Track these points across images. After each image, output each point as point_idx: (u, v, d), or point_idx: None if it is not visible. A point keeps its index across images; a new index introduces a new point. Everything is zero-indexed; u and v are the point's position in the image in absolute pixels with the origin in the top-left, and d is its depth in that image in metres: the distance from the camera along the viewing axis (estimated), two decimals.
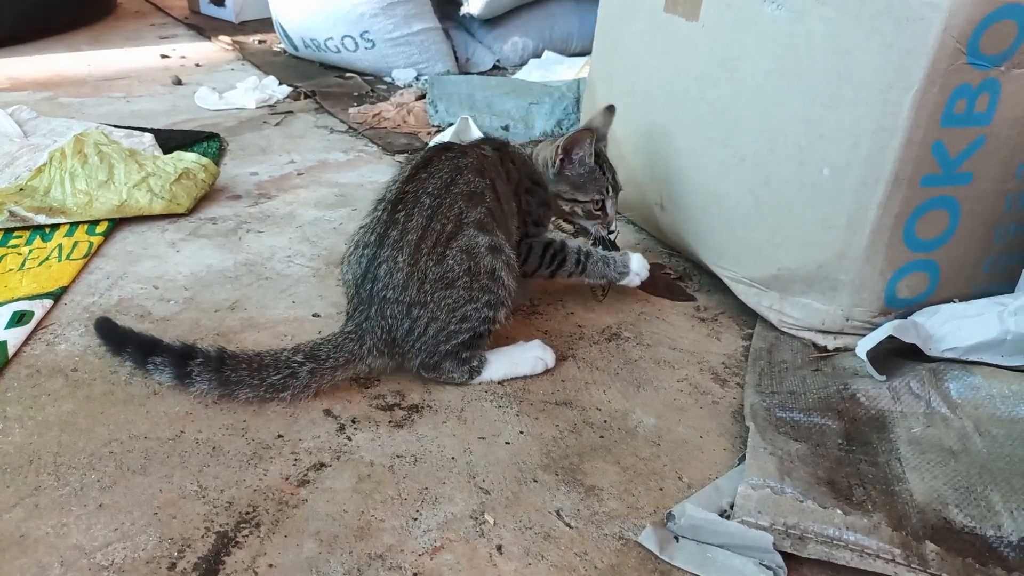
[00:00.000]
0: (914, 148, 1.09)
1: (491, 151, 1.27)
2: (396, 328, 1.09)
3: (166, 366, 1.06)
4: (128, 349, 1.10)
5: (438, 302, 1.09)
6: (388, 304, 1.08)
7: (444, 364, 1.12)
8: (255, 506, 0.91)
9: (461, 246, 1.10)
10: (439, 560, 0.85)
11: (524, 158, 1.33)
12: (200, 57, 3.20)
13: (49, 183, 1.62)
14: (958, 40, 1.03)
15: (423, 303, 1.08)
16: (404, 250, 1.08)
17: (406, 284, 1.08)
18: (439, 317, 1.09)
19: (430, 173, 1.15)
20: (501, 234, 1.16)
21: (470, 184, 1.15)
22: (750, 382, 1.16)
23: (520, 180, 1.29)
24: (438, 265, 1.08)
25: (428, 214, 1.10)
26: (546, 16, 2.99)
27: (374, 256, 1.09)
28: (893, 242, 1.16)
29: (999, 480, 0.95)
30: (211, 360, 1.05)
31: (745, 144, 1.28)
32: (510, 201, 1.24)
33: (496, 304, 1.12)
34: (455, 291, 1.09)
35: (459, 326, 1.10)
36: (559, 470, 0.99)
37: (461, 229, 1.11)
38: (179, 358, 1.05)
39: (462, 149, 1.22)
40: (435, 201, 1.11)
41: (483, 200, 1.15)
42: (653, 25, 1.46)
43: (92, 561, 0.83)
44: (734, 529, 0.87)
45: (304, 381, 1.06)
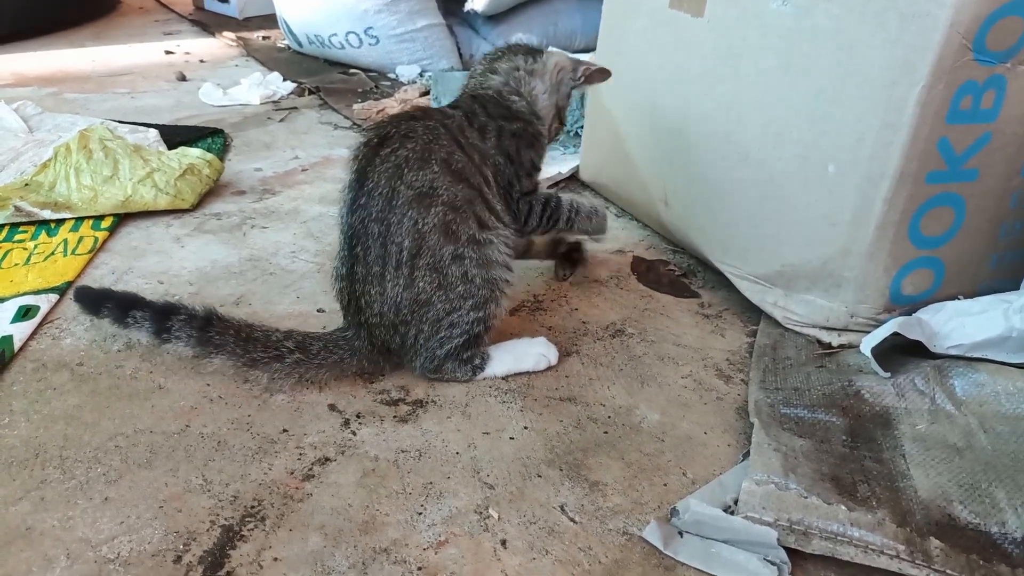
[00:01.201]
0: (919, 144, 1.09)
1: (455, 115, 1.18)
2: (389, 343, 1.11)
3: (145, 320, 1.08)
4: (108, 306, 1.12)
5: (420, 318, 1.09)
6: (375, 328, 1.10)
7: (446, 366, 1.13)
8: (260, 500, 0.91)
9: (427, 264, 1.06)
10: (443, 554, 0.85)
11: (496, 101, 1.24)
12: (204, 53, 3.20)
13: (54, 178, 1.62)
14: (964, 36, 1.03)
15: (406, 322, 1.09)
16: (373, 283, 1.07)
17: (383, 312, 1.08)
18: (424, 330, 1.09)
19: (368, 192, 1.06)
20: (473, 220, 1.09)
21: (413, 186, 1.05)
22: (754, 378, 1.16)
23: (500, 129, 1.21)
24: (407, 291, 1.07)
25: (380, 241, 1.05)
26: (550, 13, 2.99)
27: (352, 291, 1.10)
28: (898, 239, 1.16)
29: (1004, 477, 0.95)
30: (196, 318, 1.06)
31: (749, 140, 1.28)
32: (488, 161, 1.17)
33: (481, 304, 1.10)
34: (433, 307, 1.08)
35: (449, 332, 1.10)
36: (563, 465, 0.99)
37: (422, 243, 1.05)
38: (160, 314, 1.07)
39: (401, 137, 1.08)
40: (383, 227, 1.05)
41: (435, 196, 1.06)
42: (657, 21, 1.46)
43: (98, 554, 0.83)
44: (738, 525, 0.87)
45: (286, 369, 1.07)
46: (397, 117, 1.14)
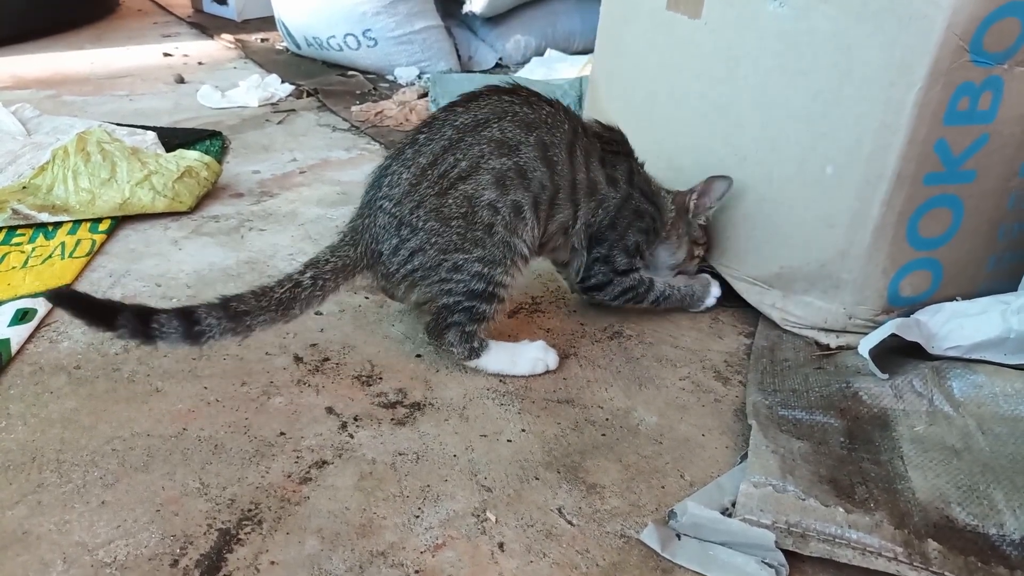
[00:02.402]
0: (917, 146, 1.09)
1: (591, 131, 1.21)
2: (383, 241, 1.09)
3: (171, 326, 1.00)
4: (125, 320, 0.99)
5: (428, 233, 1.07)
6: (382, 214, 1.09)
7: (448, 334, 1.12)
8: (257, 503, 0.91)
9: (465, 191, 1.07)
10: (441, 558, 0.85)
11: (642, 171, 1.28)
12: (203, 55, 3.20)
13: (52, 181, 1.62)
14: (961, 38, 1.03)
15: (412, 226, 1.08)
16: (411, 169, 1.08)
17: (401, 200, 1.08)
18: (427, 251, 1.08)
19: (467, 108, 1.11)
20: (529, 196, 1.10)
21: (505, 132, 1.09)
22: (752, 380, 1.15)
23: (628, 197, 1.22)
24: (437, 197, 1.07)
25: (444, 145, 1.08)
26: (548, 14, 2.99)
27: (387, 166, 1.11)
28: (896, 240, 1.16)
29: (1002, 479, 0.95)
30: (215, 306, 1.03)
31: (747, 142, 1.28)
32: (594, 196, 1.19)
33: (491, 262, 1.09)
34: (448, 231, 1.07)
35: (448, 276, 1.09)
36: (561, 468, 0.99)
37: (474, 173, 1.07)
38: (183, 316, 1.00)
39: (527, 100, 1.14)
40: (457, 135, 1.08)
41: (514, 153, 1.09)
42: (655, 23, 1.46)
43: (95, 558, 0.83)
44: (736, 527, 0.87)
45: (308, 289, 1.06)
46: (536, 93, 1.17)
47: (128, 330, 0.98)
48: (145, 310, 1.00)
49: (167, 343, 1.01)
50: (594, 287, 1.27)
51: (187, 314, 1.01)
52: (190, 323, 1.01)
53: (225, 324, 1.02)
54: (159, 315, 1.00)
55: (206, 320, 1.01)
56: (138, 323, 0.99)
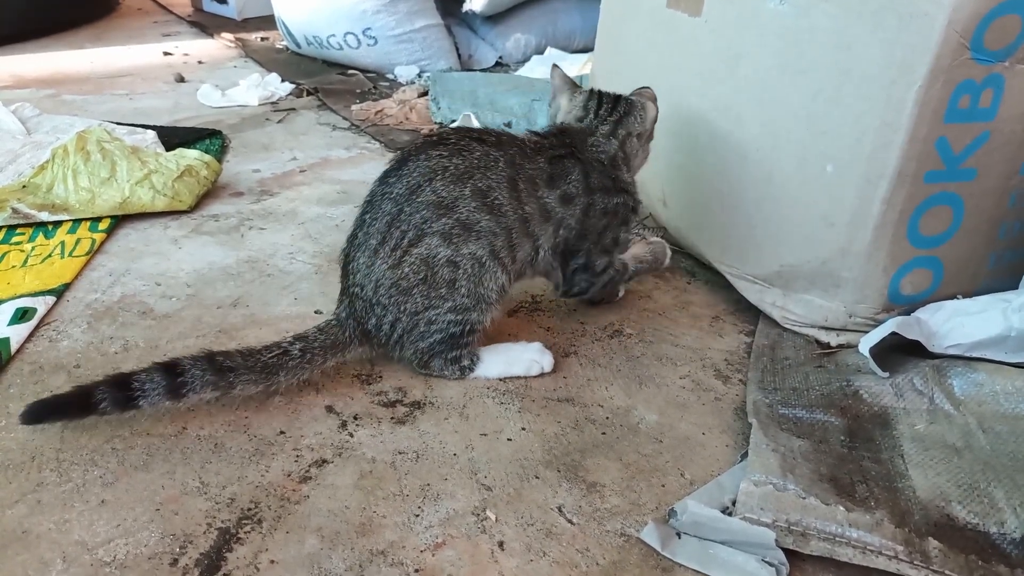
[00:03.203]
0: (918, 144, 1.09)
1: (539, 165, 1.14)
2: (366, 321, 1.11)
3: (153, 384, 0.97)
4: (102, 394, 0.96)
5: (397, 305, 1.09)
6: (356, 300, 1.11)
7: (433, 363, 1.13)
8: (257, 502, 0.91)
9: (420, 254, 1.07)
10: (441, 556, 0.85)
11: (604, 172, 1.21)
12: (203, 54, 3.20)
13: (52, 180, 1.62)
14: (962, 35, 1.02)
15: (382, 304, 1.09)
16: (365, 252, 1.09)
17: (363, 283, 1.09)
18: (401, 319, 1.10)
19: (399, 176, 1.09)
20: (484, 245, 1.08)
21: (438, 192, 1.07)
22: (752, 379, 1.15)
23: (590, 206, 1.18)
24: (392, 270, 1.08)
25: (387, 220, 1.08)
26: (549, 12, 2.99)
27: (348, 254, 1.12)
28: (896, 238, 1.16)
29: (1002, 477, 0.95)
30: (199, 359, 1.01)
31: (747, 140, 1.28)
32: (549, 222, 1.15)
33: (461, 310, 1.10)
34: (412, 298, 1.08)
35: (427, 328, 1.10)
36: (561, 467, 0.99)
37: (422, 238, 1.07)
38: (166, 372, 0.98)
39: (455, 149, 1.10)
40: (396, 208, 1.08)
41: (453, 210, 1.07)
42: (655, 21, 1.46)
43: (94, 557, 0.83)
44: (736, 526, 0.86)
45: (296, 360, 1.06)
46: (466, 132, 1.18)
47: (109, 402, 0.96)
48: (121, 377, 0.97)
49: (149, 402, 0.98)
50: (577, 294, 1.26)
51: (170, 367, 0.99)
52: (173, 376, 0.98)
53: (208, 377, 1.00)
54: (138, 375, 0.97)
55: (190, 372, 0.99)
56: (117, 391, 0.96)
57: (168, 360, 1.00)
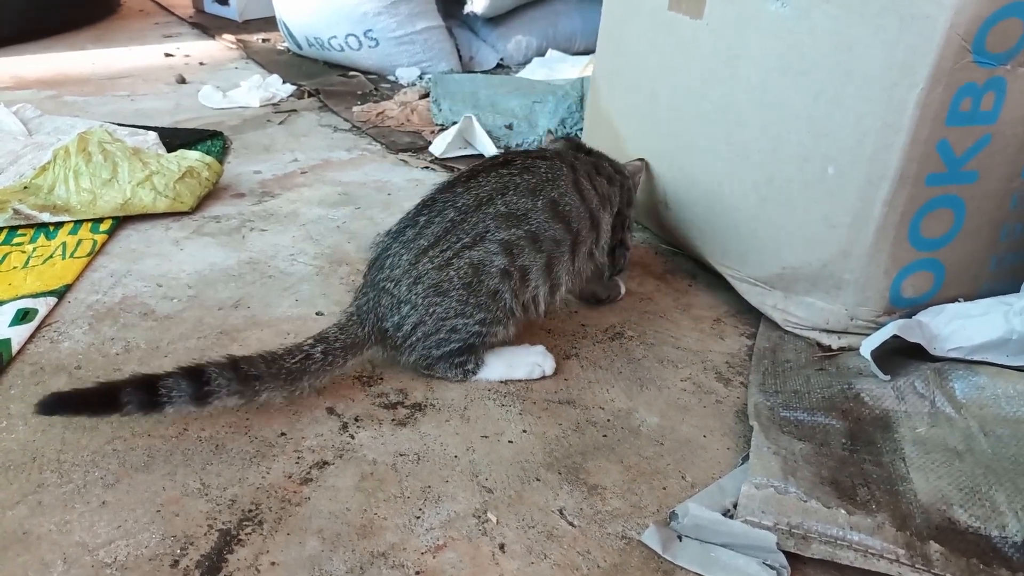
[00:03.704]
0: (919, 146, 1.09)
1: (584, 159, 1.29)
2: (387, 319, 1.10)
3: (181, 390, 0.96)
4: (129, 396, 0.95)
5: (428, 307, 1.08)
6: (384, 295, 1.10)
7: (437, 366, 1.13)
8: (258, 504, 0.91)
9: (472, 258, 1.08)
10: (442, 559, 0.85)
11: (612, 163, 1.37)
12: (204, 56, 3.20)
13: (53, 181, 1.62)
14: (963, 38, 1.02)
15: (413, 303, 1.09)
16: (412, 251, 1.09)
17: (400, 280, 1.09)
18: (427, 322, 1.09)
19: (468, 188, 1.13)
20: (542, 259, 1.13)
21: (509, 205, 1.11)
22: (754, 381, 1.15)
23: (623, 184, 1.34)
24: (437, 271, 1.08)
25: (447, 227, 1.09)
26: (550, 15, 2.99)
27: (388, 247, 1.12)
28: (898, 241, 1.16)
29: (1004, 480, 0.95)
30: (225, 366, 1.00)
31: (748, 142, 1.28)
32: (608, 205, 1.27)
33: (490, 323, 1.11)
34: (447, 301, 1.08)
35: (448, 335, 1.10)
36: (562, 469, 0.99)
37: (479, 243, 1.09)
38: (191, 378, 0.97)
39: (522, 168, 1.16)
40: (459, 216, 1.10)
41: (523, 221, 1.11)
42: (657, 23, 1.46)
43: (95, 558, 0.83)
44: (737, 528, 0.86)
45: (319, 363, 1.05)
46: (526, 153, 1.25)
47: (135, 404, 0.94)
48: (148, 379, 0.96)
49: (175, 407, 0.96)
50: (620, 269, 1.38)
51: (196, 373, 0.97)
52: (199, 383, 0.97)
53: (234, 386, 0.99)
54: (165, 380, 0.96)
55: (216, 380, 0.98)
56: (144, 394, 0.95)
57: (194, 365, 0.98)
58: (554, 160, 1.21)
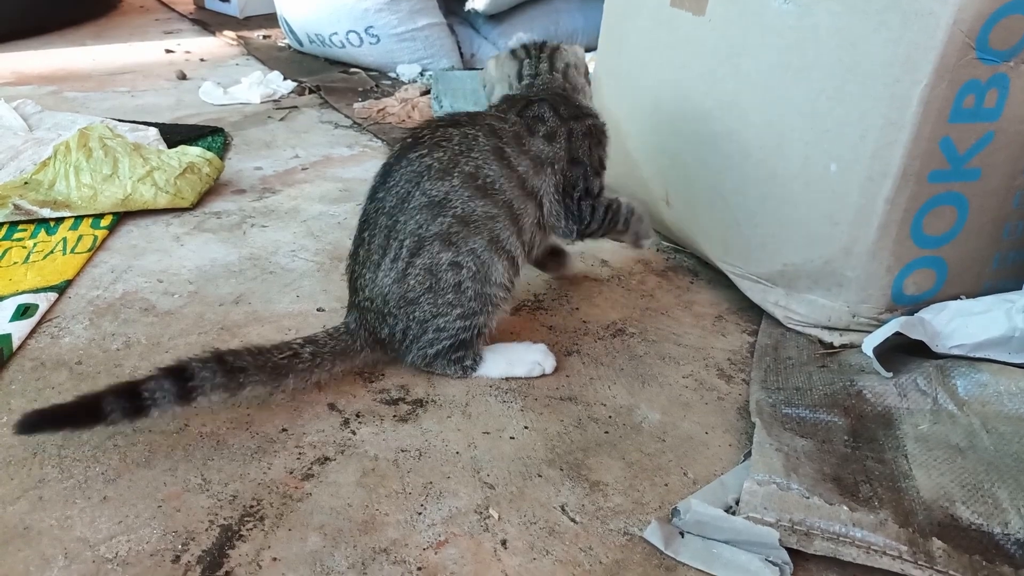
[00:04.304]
0: (922, 143, 1.08)
1: (512, 121, 1.16)
2: (378, 331, 1.11)
3: (163, 390, 0.94)
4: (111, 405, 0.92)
5: (407, 315, 1.09)
6: (366, 312, 1.11)
7: (436, 363, 1.13)
8: (259, 499, 0.91)
9: (423, 264, 1.07)
10: (443, 554, 0.85)
11: (567, 100, 1.24)
12: (204, 52, 3.20)
13: (54, 177, 1.62)
14: (967, 35, 1.02)
15: (393, 315, 1.09)
16: (370, 268, 1.09)
17: (372, 298, 1.09)
18: (412, 327, 1.10)
19: (387, 189, 1.09)
20: (484, 236, 1.08)
21: (427, 193, 1.07)
22: (756, 378, 1.15)
23: (571, 132, 1.20)
24: (398, 284, 1.08)
25: (385, 234, 1.08)
26: (551, 12, 2.98)
27: (352, 271, 1.12)
28: (900, 238, 1.15)
29: (1006, 477, 0.95)
30: (209, 361, 0.98)
31: (751, 139, 1.28)
32: (548, 169, 1.16)
33: (470, 315, 1.10)
34: (419, 307, 1.09)
35: (436, 335, 1.10)
36: (564, 465, 0.99)
37: (422, 246, 1.06)
38: (174, 376, 0.95)
39: (432, 144, 1.10)
40: (390, 220, 1.08)
41: (447, 206, 1.06)
42: (659, 20, 1.46)
43: (96, 553, 0.83)
44: (740, 525, 0.86)
45: (306, 363, 1.05)
46: (436, 122, 1.15)
47: (119, 412, 0.92)
48: (128, 386, 0.93)
49: (160, 409, 0.95)
50: (588, 227, 1.25)
51: (178, 371, 0.96)
52: (182, 380, 0.95)
53: (219, 379, 0.97)
54: (146, 383, 0.94)
55: (200, 374, 0.96)
56: (126, 401, 0.92)
57: (176, 364, 0.97)
58: (467, 126, 1.12)
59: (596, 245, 1.58)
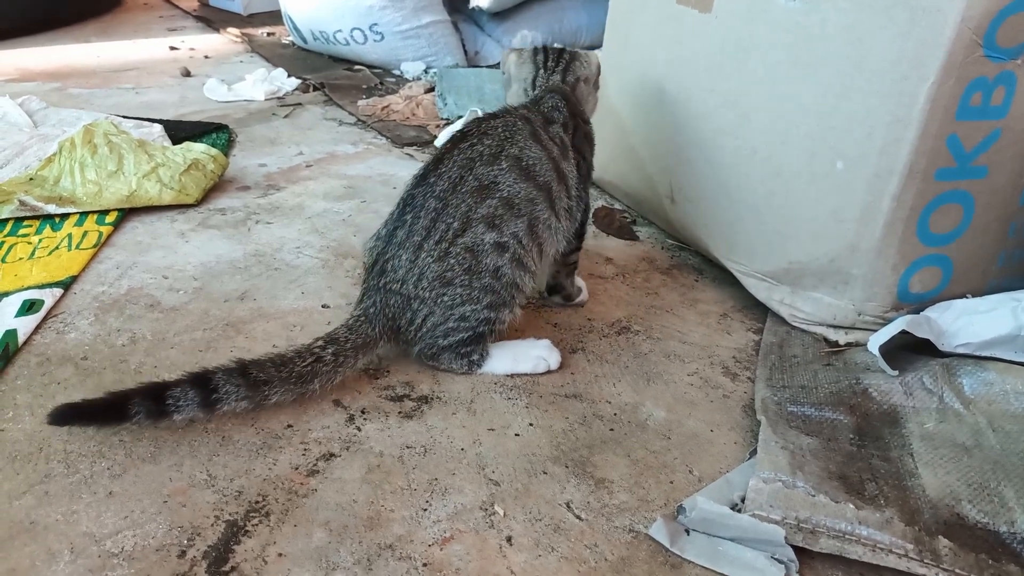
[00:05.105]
0: (929, 141, 1.08)
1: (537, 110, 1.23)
2: (399, 318, 1.10)
3: (188, 398, 0.96)
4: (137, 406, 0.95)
5: (436, 299, 1.09)
6: (392, 295, 1.10)
7: (442, 356, 1.13)
8: (265, 495, 0.91)
9: (466, 244, 1.09)
10: (449, 551, 0.85)
11: (574, 101, 1.29)
12: (209, 49, 3.20)
13: (59, 173, 1.62)
14: (974, 32, 1.02)
15: (421, 298, 1.09)
16: (409, 249, 1.09)
17: (405, 279, 1.09)
18: (436, 312, 1.10)
19: (439, 175, 1.12)
20: (524, 221, 1.12)
21: (479, 177, 1.11)
22: (761, 376, 1.15)
23: (577, 128, 1.27)
24: (438, 263, 1.08)
25: (432, 216, 1.09)
26: (555, 9, 2.98)
27: (383, 251, 1.12)
28: (906, 236, 1.15)
29: (1012, 476, 0.94)
30: (233, 371, 0.99)
31: (756, 135, 1.27)
32: (570, 154, 1.22)
33: (498, 306, 1.11)
34: (453, 289, 1.09)
35: (457, 324, 1.10)
36: (569, 462, 0.99)
37: (468, 226, 1.09)
38: (199, 385, 0.97)
39: (480, 134, 1.15)
40: (440, 204, 1.10)
41: (495, 189, 1.11)
42: (664, 16, 1.45)
43: (102, 548, 0.83)
44: (745, 522, 0.86)
45: (330, 365, 1.05)
46: (480, 119, 1.20)
47: (144, 413, 0.94)
48: (156, 388, 0.96)
49: (183, 416, 0.97)
50: (583, 231, 1.30)
51: (203, 380, 0.97)
52: (207, 391, 0.97)
53: (243, 392, 0.98)
54: (172, 389, 0.96)
55: (224, 387, 0.97)
56: (152, 403, 0.95)
57: (201, 372, 0.98)
58: (506, 116, 1.19)
59: (600, 243, 1.58)
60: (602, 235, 1.63)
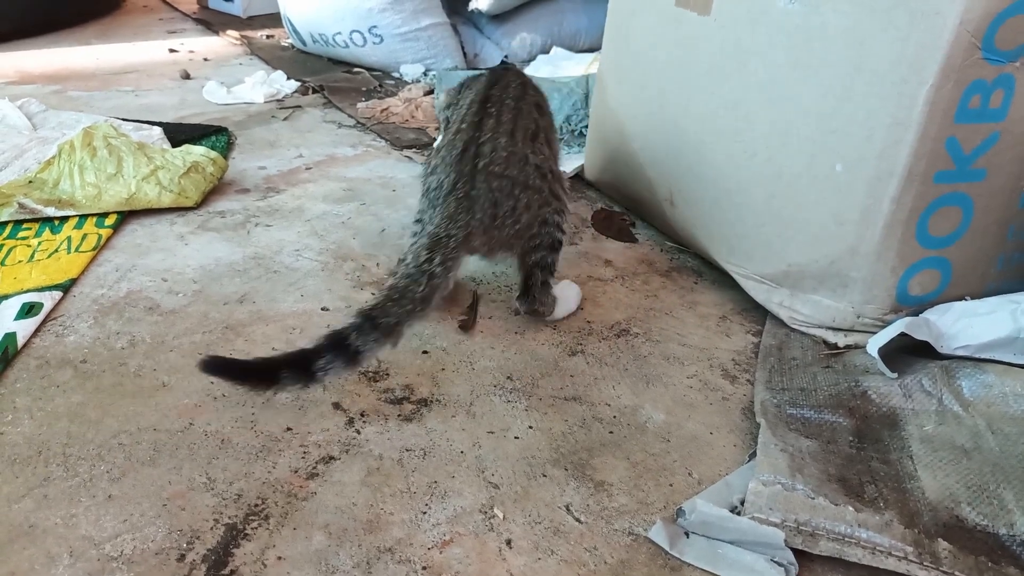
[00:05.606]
0: (928, 143, 1.08)
1: None
2: (501, 203, 1.13)
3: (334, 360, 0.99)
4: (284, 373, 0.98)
5: (535, 190, 1.15)
6: (495, 178, 1.13)
7: (545, 295, 1.22)
8: (264, 498, 0.91)
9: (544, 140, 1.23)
10: (448, 554, 0.85)
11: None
12: (208, 51, 3.20)
13: (58, 175, 1.62)
14: (973, 35, 1.02)
15: (524, 185, 1.14)
16: (503, 134, 1.16)
17: (508, 162, 1.14)
18: (532, 208, 1.16)
19: (503, 87, 1.23)
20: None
21: (533, 98, 1.24)
22: (760, 379, 1.15)
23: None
24: (534, 155, 1.17)
25: (514, 112, 1.18)
26: (555, 12, 2.98)
27: (473, 138, 1.16)
28: (905, 238, 1.15)
29: (1012, 478, 0.94)
30: (361, 325, 1.01)
31: (756, 138, 1.27)
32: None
33: (565, 211, 1.21)
34: (544, 184, 1.18)
35: (540, 229, 1.17)
36: (568, 465, 0.99)
37: (537, 136, 1.20)
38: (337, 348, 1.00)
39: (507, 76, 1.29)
40: (516, 105, 1.20)
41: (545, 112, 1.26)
42: (664, 19, 1.45)
43: (101, 552, 0.83)
44: (745, 525, 0.86)
45: (439, 277, 1.07)
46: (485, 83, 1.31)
47: (291, 378, 0.98)
48: (303, 358, 0.99)
49: (331, 376, 1.01)
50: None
51: (339, 343, 1.00)
52: (348, 352, 1.00)
53: (378, 336, 1.02)
54: (318, 359, 0.99)
55: (358, 342, 1.00)
56: (301, 373, 0.99)
57: (334, 333, 1.00)
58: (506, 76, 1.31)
59: (599, 246, 1.58)
60: (601, 238, 1.63)
